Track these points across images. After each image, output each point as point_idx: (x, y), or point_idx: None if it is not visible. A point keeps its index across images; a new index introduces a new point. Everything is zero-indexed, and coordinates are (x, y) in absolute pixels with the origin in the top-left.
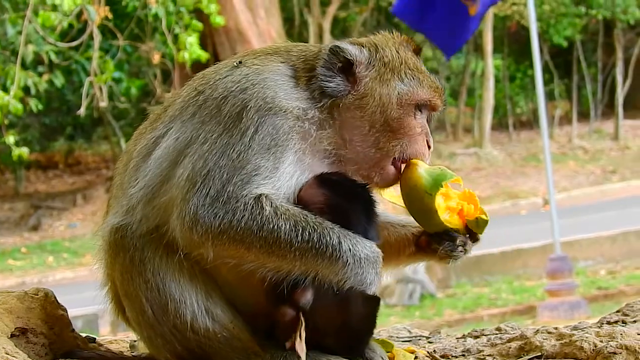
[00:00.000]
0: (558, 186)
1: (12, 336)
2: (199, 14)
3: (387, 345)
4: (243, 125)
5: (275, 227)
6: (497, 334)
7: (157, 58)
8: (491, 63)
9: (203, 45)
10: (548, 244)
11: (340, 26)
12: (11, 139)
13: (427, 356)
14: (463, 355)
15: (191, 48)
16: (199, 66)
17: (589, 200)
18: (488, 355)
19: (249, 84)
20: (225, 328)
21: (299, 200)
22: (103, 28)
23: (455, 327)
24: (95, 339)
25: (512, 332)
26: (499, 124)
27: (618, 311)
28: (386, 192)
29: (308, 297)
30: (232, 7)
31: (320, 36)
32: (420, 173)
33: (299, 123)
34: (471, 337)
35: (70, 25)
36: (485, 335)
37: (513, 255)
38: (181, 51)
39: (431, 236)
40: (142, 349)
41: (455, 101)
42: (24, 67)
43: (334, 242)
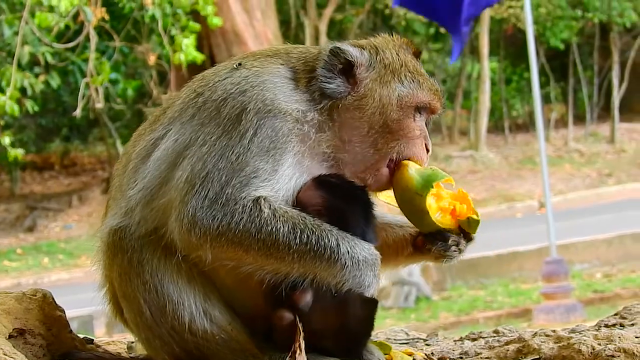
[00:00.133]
0: (554, 189)
1: (10, 337)
2: (196, 16)
3: (385, 347)
4: (242, 127)
5: (273, 230)
6: (495, 337)
7: (153, 59)
8: (487, 66)
9: (199, 46)
10: (544, 247)
11: (336, 28)
12: (7, 140)
13: (425, 359)
14: (461, 357)
15: (187, 50)
16: (195, 68)
17: (585, 203)
18: (486, 357)
19: (248, 86)
20: (223, 330)
21: (297, 202)
22: (99, 29)
23: (450, 330)
24: (92, 340)
25: (510, 335)
26: (495, 127)
27: (616, 314)
28: (382, 193)
29: (307, 299)
30: (229, 9)
31: (316, 38)
32: (411, 174)
33: (298, 125)
34: (469, 340)
35: (66, 26)
36: (483, 337)
37: (509, 258)
38: (177, 53)
39: (426, 237)
40: (140, 351)
41: (451, 104)
42: (20, 68)
43: (333, 244)
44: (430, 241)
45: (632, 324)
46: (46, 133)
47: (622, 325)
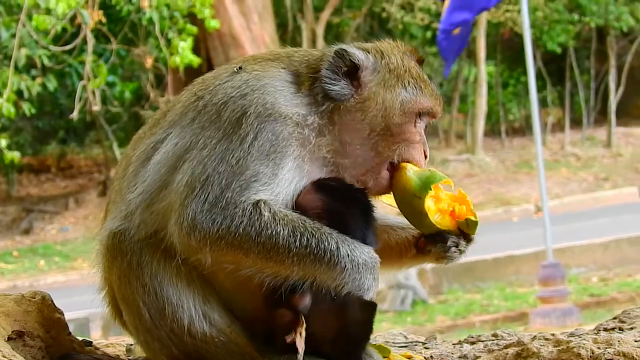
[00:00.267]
0: (550, 193)
1: (9, 339)
2: (193, 19)
3: (384, 350)
4: (242, 131)
5: (273, 233)
6: (494, 340)
7: (150, 62)
8: (484, 69)
9: (196, 49)
10: (540, 251)
11: (333, 32)
12: (3, 143)
13: None
14: None
15: (183, 53)
16: (192, 71)
17: (582, 207)
18: None
19: (249, 90)
20: (222, 332)
21: (297, 206)
22: (97, 32)
23: (447, 334)
24: (91, 343)
25: (509, 339)
26: (492, 131)
27: (615, 318)
28: (382, 196)
29: (306, 302)
30: (226, 12)
31: (313, 41)
32: (409, 176)
33: (299, 129)
34: (467, 343)
35: (63, 29)
36: (481, 341)
37: (505, 261)
38: (174, 55)
39: (426, 238)
40: (139, 353)
41: (447, 107)
42: (17, 71)
43: (332, 248)
44: (430, 243)
45: (631, 328)
46: (43, 135)
47: (621, 329)
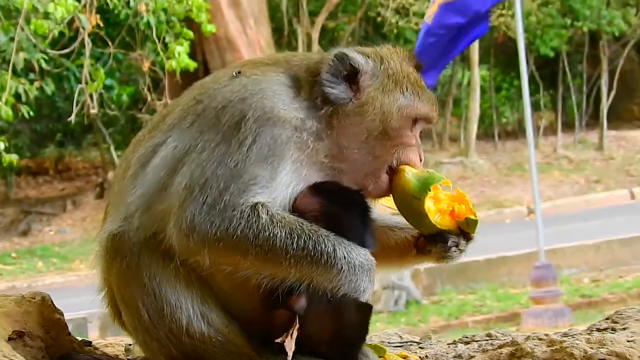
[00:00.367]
0: (543, 195)
1: (10, 339)
2: (189, 23)
3: (380, 350)
4: (241, 135)
5: (271, 235)
6: (488, 340)
7: (147, 66)
8: (477, 73)
9: (193, 53)
10: (532, 252)
11: (328, 36)
12: (1, 145)
13: None
14: None
15: (180, 57)
16: (189, 75)
17: (573, 209)
18: None
19: (248, 94)
20: (220, 333)
21: (295, 209)
22: (94, 36)
23: (440, 334)
24: (91, 343)
25: (503, 339)
26: (485, 134)
27: (607, 318)
28: (381, 199)
29: (302, 303)
30: (222, 17)
31: (308, 45)
32: (408, 178)
33: (297, 134)
34: (462, 343)
35: (61, 33)
36: (476, 341)
37: (498, 262)
38: (170, 59)
39: (426, 238)
40: (138, 353)
41: (441, 111)
42: (16, 75)
43: (329, 250)
44: (430, 243)
45: (624, 328)
46: (41, 138)
47: (614, 329)
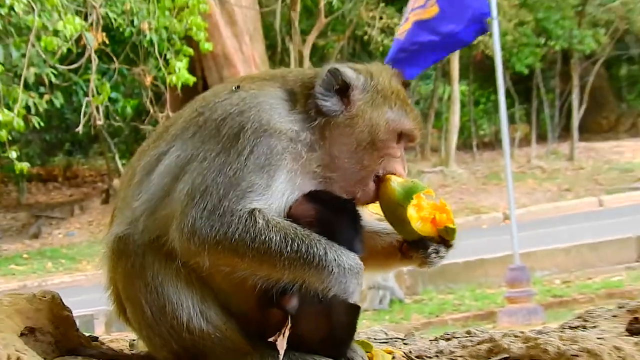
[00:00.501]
0: (517, 202)
1: (22, 335)
2: (189, 40)
3: (367, 346)
4: (240, 145)
5: (266, 239)
6: (468, 337)
7: (150, 80)
8: (457, 88)
9: (192, 69)
10: (508, 255)
11: (319, 53)
12: (14, 154)
13: (404, 357)
14: (437, 356)
15: (180, 72)
16: (189, 89)
17: (546, 215)
18: (459, 356)
19: (246, 107)
20: (218, 329)
21: (291, 215)
22: (100, 52)
23: (422, 331)
24: (97, 338)
25: (482, 336)
26: (464, 145)
27: (579, 317)
28: (369, 205)
29: (294, 303)
30: (220, 35)
31: (300, 62)
32: (393, 187)
33: (292, 145)
34: (443, 340)
35: (69, 49)
36: (456, 338)
37: (475, 265)
38: (171, 75)
39: (409, 244)
40: (141, 348)
41: (424, 123)
42: (27, 88)
43: (321, 253)
44: (413, 249)
45: (594, 326)
46: (50, 148)
47: (585, 327)
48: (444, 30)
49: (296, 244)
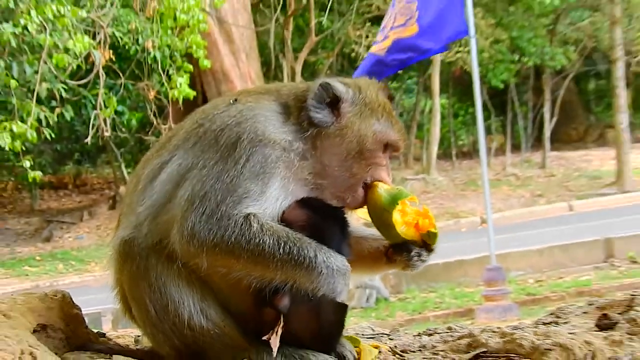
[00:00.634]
0: (494, 207)
1: (35, 331)
2: (190, 58)
3: (355, 341)
4: (237, 154)
5: (260, 242)
6: (449, 332)
7: (153, 94)
8: (438, 102)
9: (193, 84)
10: (485, 256)
11: (310, 69)
12: (27, 163)
13: (389, 351)
14: (420, 350)
15: (181, 87)
16: (189, 102)
17: (520, 219)
18: (441, 350)
19: (243, 119)
20: (217, 326)
21: (285, 220)
22: (107, 69)
23: (406, 327)
24: (105, 334)
25: (461, 331)
26: (444, 154)
27: (552, 314)
28: (357, 210)
29: (285, 303)
30: (218, 52)
31: (292, 77)
32: (380, 193)
33: (285, 154)
34: (426, 335)
35: (79, 66)
36: (438, 333)
37: (455, 265)
38: (173, 89)
39: (394, 248)
40: (146, 343)
41: (407, 135)
42: (39, 102)
43: (311, 255)
44: (397, 252)
45: (566, 322)
46: (61, 157)
47: (557, 323)
48: (423, 47)
49: (288, 247)
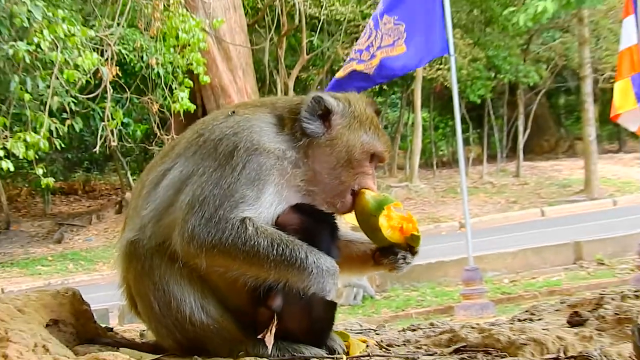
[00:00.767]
0: (471, 213)
1: (47, 326)
2: (190, 74)
3: (344, 336)
4: (234, 162)
5: (255, 243)
6: (431, 328)
7: (156, 108)
8: (420, 115)
9: (193, 98)
10: (463, 258)
11: (301, 85)
12: (40, 171)
13: (376, 345)
14: (404, 344)
15: (183, 101)
16: (190, 115)
17: (496, 224)
18: (424, 345)
19: (240, 129)
20: (216, 321)
21: (279, 223)
22: (114, 84)
23: (390, 323)
24: (112, 329)
25: (443, 327)
26: (426, 164)
27: (526, 311)
28: (346, 215)
29: (278, 303)
30: (217, 69)
31: (285, 92)
32: (367, 199)
33: (279, 162)
34: (410, 330)
35: (87, 81)
36: (421, 329)
37: (436, 266)
38: (175, 103)
39: (380, 251)
40: (150, 337)
41: (391, 145)
42: (51, 114)
43: (302, 256)
44: (383, 255)
45: (540, 319)
46: (71, 165)
47: (532, 319)
48: (409, 64)
49: (281, 248)
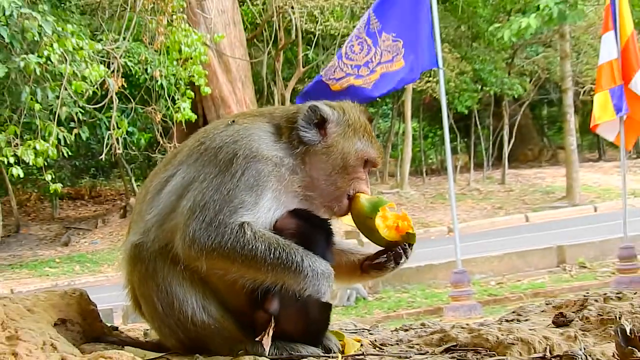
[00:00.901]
0: (459, 218)
1: (55, 325)
2: (192, 85)
3: (339, 335)
4: (233, 169)
5: (253, 247)
6: (422, 328)
7: (160, 117)
8: (410, 125)
9: (195, 108)
10: (452, 261)
11: (297, 96)
12: (49, 177)
13: (370, 344)
14: (397, 343)
15: (184, 111)
16: (192, 124)
17: (482, 229)
18: (416, 344)
19: (239, 137)
20: (217, 321)
21: (276, 228)
22: (120, 94)
23: (382, 323)
24: (117, 328)
25: (434, 327)
26: (415, 171)
27: (514, 312)
28: (343, 218)
29: (275, 306)
30: (217, 81)
31: (282, 103)
32: (362, 202)
33: (277, 169)
34: (402, 330)
35: (94, 92)
36: (413, 329)
37: (425, 269)
38: (177, 113)
39: (376, 255)
40: (154, 336)
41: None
42: (60, 124)
43: (298, 260)
44: (382, 254)
45: (527, 320)
46: (79, 172)
47: (519, 320)
48: (406, 77)
49: (278, 252)
